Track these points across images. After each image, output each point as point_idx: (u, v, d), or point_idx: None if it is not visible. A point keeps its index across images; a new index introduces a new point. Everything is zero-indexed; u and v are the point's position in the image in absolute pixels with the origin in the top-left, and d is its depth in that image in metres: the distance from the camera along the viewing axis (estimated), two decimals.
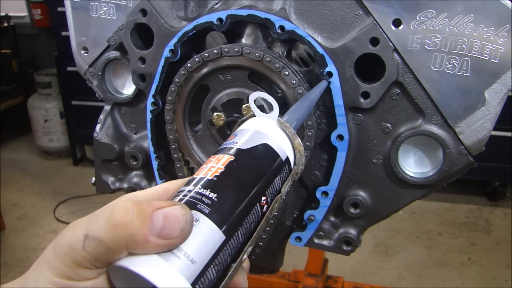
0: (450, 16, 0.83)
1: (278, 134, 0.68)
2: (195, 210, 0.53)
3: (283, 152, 0.66)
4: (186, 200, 0.55)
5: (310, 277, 2.72)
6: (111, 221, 0.48)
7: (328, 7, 0.92)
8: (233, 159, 0.60)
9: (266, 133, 0.67)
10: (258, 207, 0.60)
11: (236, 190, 0.58)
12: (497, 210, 4.40)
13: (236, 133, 0.68)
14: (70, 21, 1.14)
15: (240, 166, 0.60)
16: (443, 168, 0.92)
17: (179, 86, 0.98)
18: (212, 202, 0.54)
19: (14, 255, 3.80)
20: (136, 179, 1.22)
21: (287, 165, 0.67)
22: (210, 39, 1.11)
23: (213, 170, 0.59)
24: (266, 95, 0.70)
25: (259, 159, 0.63)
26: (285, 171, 0.67)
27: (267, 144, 0.65)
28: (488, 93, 0.85)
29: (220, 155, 0.62)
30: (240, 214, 0.56)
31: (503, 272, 3.52)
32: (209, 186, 0.56)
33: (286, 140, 0.68)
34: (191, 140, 1.04)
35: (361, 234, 1.06)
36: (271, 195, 0.63)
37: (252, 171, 0.61)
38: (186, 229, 0.50)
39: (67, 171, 5.38)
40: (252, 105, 0.71)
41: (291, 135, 0.68)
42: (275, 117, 0.70)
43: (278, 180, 0.65)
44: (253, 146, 0.64)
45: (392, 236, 3.95)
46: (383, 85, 0.89)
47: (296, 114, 0.77)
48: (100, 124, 1.19)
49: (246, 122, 0.71)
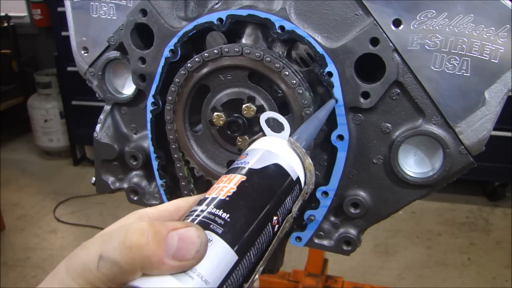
0: (450, 16, 0.83)
1: (289, 154, 0.68)
2: (208, 230, 0.53)
3: (294, 171, 0.67)
4: (199, 220, 0.55)
5: (310, 277, 2.72)
6: (126, 243, 0.48)
7: (328, 7, 0.92)
8: (245, 179, 0.61)
9: (277, 153, 0.67)
10: (269, 227, 0.60)
11: (248, 210, 0.58)
12: (497, 210, 4.40)
13: (247, 153, 0.68)
14: (70, 21, 1.14)
15: (252, 186, 0.61)
16: (443, 168, 0.92)
17: (179, 86, 0.98)
18: (225, 222, 0.55)
19: (14, 255, 3.81)
20: (136, 179, 1.22)
21: (298, 184, 0.68)
22: (210, 39, 1.11)
23: (225, 190, 0.59)
24: (277, 115, 0.71)
25: (271, 179, 0.64)
26: (296, 190, 0.67)
27: (278, 164, 0.66)
28: (488, 93, 0.85)
29: (232, 174, 0.62)
30: (252, 234, 0.57)
31: (503, 272, 3.52)
32: (221, 206, 0.57)
33: (296, 159, 0.69)
34: (191, 140, 1.04)
35: (361, 234, 1.06)
36: (282, 214, 0.63)
37: (263, 191, 0.62)
38: (201, 251, 0.50)
39: (67, 171, 5.39)
40: (263, 124, 0.72)
41: (301, 155, 0.69)
42: (286, 137, 0.71)
43: (289, 199, 0.65)
44: (264, 166, 0.64)
45: (392, 236, 3.95)
46: (383, 85, 0.90)
47: (305, 133, 0.78)
48: (100, 124, 1.19)
49: (257, 141, 0.72)
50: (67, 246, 3.97)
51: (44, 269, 3.65)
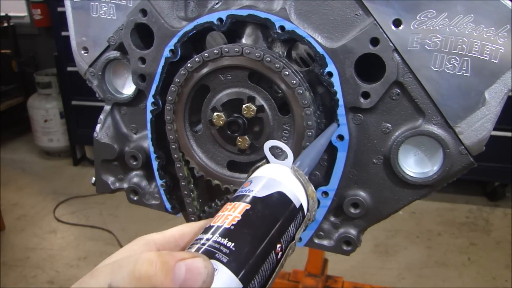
0: (450, 16, 0.83)
1: (292, 182, 0.70)
2: (213, 259, 0.55)
3: (297, 199, 0.69)
4: (204, 249, 0.56)
5: (310, 277, 2.72)
6: (135, 273, 0.49)
7: (328, 7, 0.92)
8: (249, 208, 0.62)
9: (281, 181, 0.69)
10: (273, 255, 0.61)
11: (252, 239, 0.60)
12: (497, 210, 4.40)
13: (251, 180, 0.70)
14: (70, 21, 1.14)
15: (256, 215, 0.62)
16: (443, 168, 0.92)
17: (179, 86, 0.98)
18: (230, 251, 0.56)
19: (14, 255, 3.80)
20: (136, 179, 1.22)
21: (301, 212, 0.69)
22: (210, 39, 1.11)
23: (230, 218, 0.60)
24: (281, 144, 0.73)
25: (274, 207, 0.66)
26: (299, 218, 0.69)
27: (281, 192, 0.67)
28: (488, 93, 0.85)
29: (236, 202, 0.64)
30: (257, 263, 0.58)
31: (503, 272, 3.52)
32: (226, 235, 0.58)
33: (299, 187, 0.70)
34: (191, 140, 1.04)
35: (361, 234, 1.06)
36: (286, 242, 0.65)
37: (267, 220, 0.63)
38: (207, 281, 0.51)
39: (67, 171, 5.38)
40: (267, 152, 0.74)
41: (304, 183, 0.71)
42: (289, 164, 0.72)
43: (292, 227, 0.66)
44: (268, 194, 0.66)
45: (392, 236, 3.95)
46: (383, 85, 0.89)
47: (307, 159, 0.80)
48: (100, 124, 1.19)
49: (261, 168, 0.74)
50: (67, 246, 3.97)
51: (44, 269, 3.65)
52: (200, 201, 1.12)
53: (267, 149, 0.74)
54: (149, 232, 0.64)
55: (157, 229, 0.65)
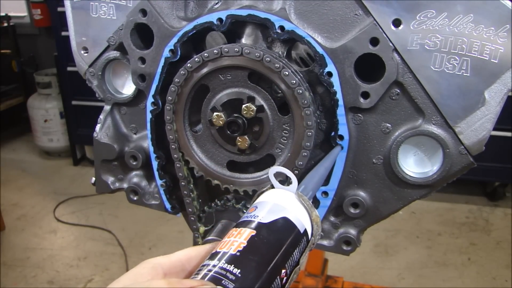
0: (450, 16, 0.83)
1: (296, 207, 0.71)
2: (220, 286, 0.56)
3: (301, 224, 0.70)
4: (211, 275, 0.57)
5: (310, 277, 2.72)
6: None
7: (328, 7, 0.92)
8: (255, 234, 0.64)
9: (285, 206, 0.70)
10: (278, 280, 0.62)
11: (258, 265, 0.61)
12: (497, 210, 4.40)
13: (256, 205, 0.71)
14: (70, 21, 1.14)
15: (261, 241, 0.64)
16: (443, 168, 0.92)
17: (179, 86, 0.98)
18: (236, 277, 0.57)
19: (14, 255, 3.80)
20: (136, 179, 1.22)
21: (305, 236, 0.70)
22: (210, 39, 1.11)
23: (236, 244, 0.62)
24: (285, 170, 0.74)
25: (279, 233, 0.67)
26: (303, 243, 0.70)
27: (286, 217, 0.69)
28: (488, 93, 0.85)
29: (242, 228, 0.65)
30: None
31: (503, 272, 3.52)
32: (232, 262, 0.59)
33: (304, 212, 0.72)
34: (191, 140, 1.04)
35: (361, 234, 1.06)
36: (290, 267, 0.66)
37: (272, 245, 0.64)
38: None
39: (67, 171, 5.38)
40: (272, 178, 0.75)
41: (308, 208, 0.72)
42: (293, 190, 0.74)
43: (297, 252, 0.68)
44: (273, 220, 0.67)
45: (392, 236, 3.95)
46: (383, 85, 0.89)
47: (311, 183, 0.82)
48: (100, 124, 1.19)
49: (266, 193, 0.75)
50: (67, 246, 3.97)
51: (44, 269, 3.65)
52: (200, 201, 1.12)
53: (272, 175, 0.75)
54: (149, 232, 0.64)
55: (157, 229, 0.65)
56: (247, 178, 1.02)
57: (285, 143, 0.97)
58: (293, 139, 0.95)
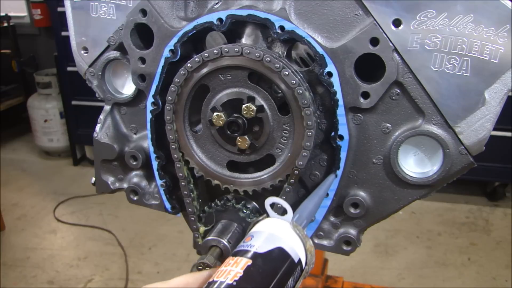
0: (450, 16, 0.83)
1: (291, 237, 0.73)
2: None
3: (296, 254, 0.72)
4: None
5: (310, 277, 2.72)
6: None
7: (328, 7, 0.92)
8: (251, 263, 0.66)
9: (280, 236, 0.72)
10: None
11: None
12: (497, 210, 4.40)
13: (252, 235, 0.73)
14: (70, 21, 1.14)
15: (257, 270, 0.65)
16: (443, 168, 0.92)
17: (179, 86, 0.98)
18: None
19: (14, 255, 3.81)
20: (136, 179, 1.22)
21: (299, 266, 0.72)
22: (210, 39, 1.11)
23: (232, 274, 0.63)
24: (281, 201, 0.76)
25: (275, 262, 0.68)
26: (298, 272, 0.72)
27: (281, 247, 0.70)
28: (488, 93, 0.85)
29: (238, 257, 0.67)
30: None
31: (503, 272, 3.52)
32: None
33: (298, 242, 0.74)
34: (191, 140, 1.04)
35: (361, 234, 1.06)
36: None
37: (268, 275, 0.66)
38: None
39: (67, 171, 5.39)
40: (268, 207, 0.77)
41: (303, 238, 0.74)
42: (288, 219, 0.76)
43: (291, 281, 0.69)
44: (268, 250, 0.69)
45: (392, 236, 3.95)
46: (383, 85, 0.89)
47: (306, 212, 0.84)
48: (100, 124, 1.19)
49: (261, 222, 0.77)
50: (67, 246, 3.97)
51: (44, 269, 3.65)
52: (200, 201, 1.12)
53: (268, 205, 0.77)
54: (149, 232, 0.65)
55: (157, 229, 0.66)
56: (247, 178, 1.02)
57: (285, 143, 0.97)
58: (293, 139, 0.95)
